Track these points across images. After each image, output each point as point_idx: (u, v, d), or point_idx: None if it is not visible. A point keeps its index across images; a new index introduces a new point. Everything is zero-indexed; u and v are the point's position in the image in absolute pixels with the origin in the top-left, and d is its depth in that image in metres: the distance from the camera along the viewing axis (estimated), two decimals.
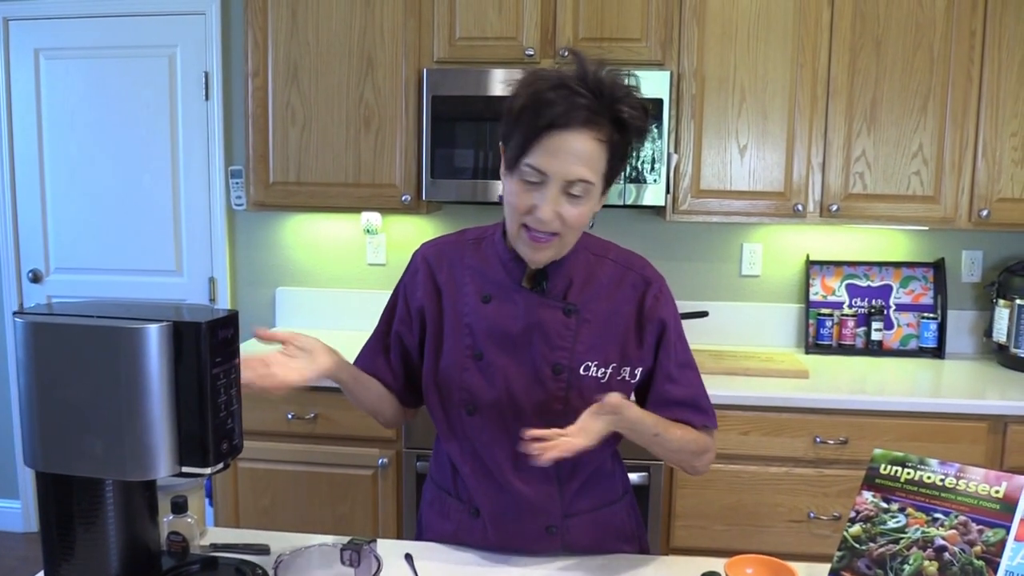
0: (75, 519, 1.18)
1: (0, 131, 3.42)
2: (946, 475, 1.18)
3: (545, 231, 1.28)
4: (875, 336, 3.04)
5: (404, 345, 1.51)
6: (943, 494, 1.16)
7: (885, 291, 3.10)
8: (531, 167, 1.25)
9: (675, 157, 2.73)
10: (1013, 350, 2.85)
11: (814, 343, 3.08)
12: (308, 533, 1.51)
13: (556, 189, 1.25)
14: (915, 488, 1.19)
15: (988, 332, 2.98)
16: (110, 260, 3.43)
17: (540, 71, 1.30)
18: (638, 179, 2.68)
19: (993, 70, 2.64)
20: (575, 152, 1.24)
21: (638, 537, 1.57)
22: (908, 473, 1.21)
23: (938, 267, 3.07)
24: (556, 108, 1.22)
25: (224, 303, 3.39)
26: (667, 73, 2.64)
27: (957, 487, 1.16)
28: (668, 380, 1.44)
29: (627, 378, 1.42)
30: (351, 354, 1.56)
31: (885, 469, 1.23)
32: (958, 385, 2.67)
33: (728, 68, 2.71)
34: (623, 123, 1.27)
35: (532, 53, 2.72)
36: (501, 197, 1.40)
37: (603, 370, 1.40)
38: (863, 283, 3.11)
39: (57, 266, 3.49)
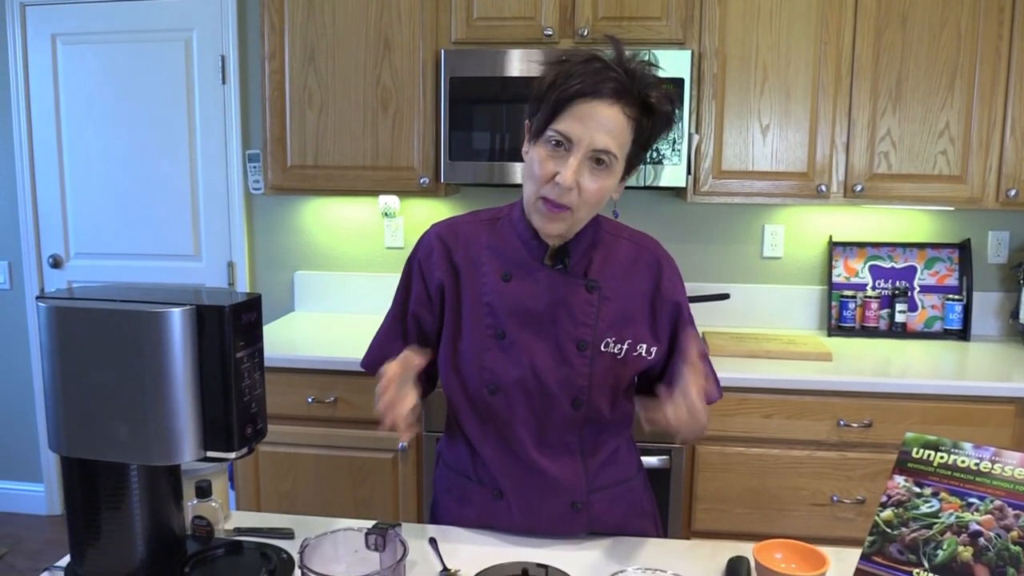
0: (100, 504, 1.17)
1: (19, 117, 3.43)
2: (981, 459, 1.15)
3: (562, 201, 1.27)
4: (899, 318, 3.01)
5: (422, 328, 1.49)
6: (978, 478, 1.14)
7: (909, 272, 3.06)
8: (558, 132, 1.26)
9: (696, 137, 2.70)
10: None
11: (837, 325, 3.05)
12: (329, 517, 1.50)
13: (580, 156, 1.25)
14: (949, 472, 1.16)
15: (1015, 314, 2.94)
16: (129, 245, 3.44)
17: (573, 52, 1.31)
18: (659, 160, 2.64)
19: (1022, 46, 2.58)
20: (602, 121, 1.24)
21: (653, 514, 1.58)
22: (941, 457, 1.18)
23: (963, 248, 3.02)
24: (587, 79, 1.24)
25: (243, 287, 3.40)
26: (688, 52, 2.60)
27: (992, 471, 1.14)
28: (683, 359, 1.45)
29: (643, 355, 1.43)
30: (369, 338, 1.54)
31: (917, 453, 1.21)
32: (984, 367, 2.64)
33: (750, 46, 2.67)
34: (651, 108, 1.28)
35: (551, 33, 2.69)
36: None
37: (619, 346, 1.41)
38: (887, 264, 3.07)
39: (77, 251, 3.50)
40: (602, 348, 1.40)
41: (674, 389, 1.24)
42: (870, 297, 3.02)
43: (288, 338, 2.90)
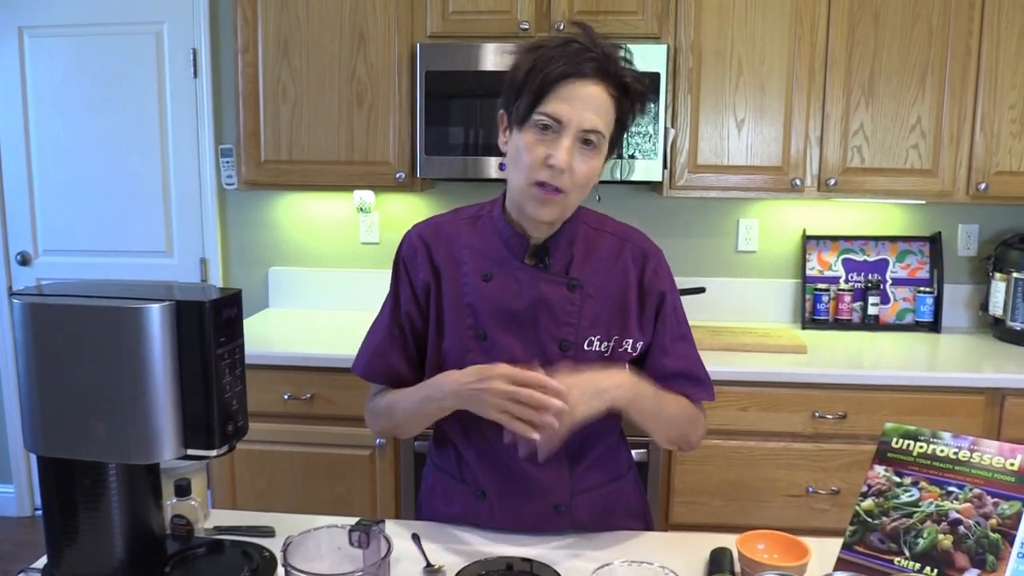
0: (78, 504, 1.15)
1: None
2: (959, 448, 1.17)
3: (556, 183, 1.26)
4: (872, 311, 3.05)
5: (416, 327, 1.46)
6: (957, 467, 1.15)
7: (881, 265, 3.10)
8: (546, 115, 1.25)
9: (672, 132, 2.71)
10: (1009, 323, 2.85)
11: (811, 318, 3.08)
12: (307, 514, 1.49)
13: (572, 136, 1.25)
14: (928, 461, 1.18)
15: (984, 306, 2.99)
16: (99, 242, 3.39)
17: (543, 38, 1.31)
18: (635, 155, 2.65)
19: (992, 42, 2.62)
20: (589, 100, 1.25)
21: (643, 512, 1.57)
22: (921, 447, 1.20)
23: (934, 241, 3.07)
24: (568, 60, 1.25)
25: (216, 284, 3.36)
26: (664, 47, 2.60)
27: (971, 460, 1.15)
28: (663, 353, 1.44)
29: (628, 350, 1.42)
30: (346, 334, 1.53)
31: (897, 443, 1.22)
32: (955, 359, 2.68)
33: (725, 41, 2.68)
34: (627, 87, 1.29)
35: (527, 27, 2.68)
36: (503, 165, 1.38)
37: (605, 343, 1.39)
38: (859, 258, 3.11)
39: (46, 248, 3.44)
40: (586, 347, 1.38)
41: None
42: (843, 290, 3.06)
43: (263, 335, 2.87)
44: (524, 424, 1.21)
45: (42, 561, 1.25)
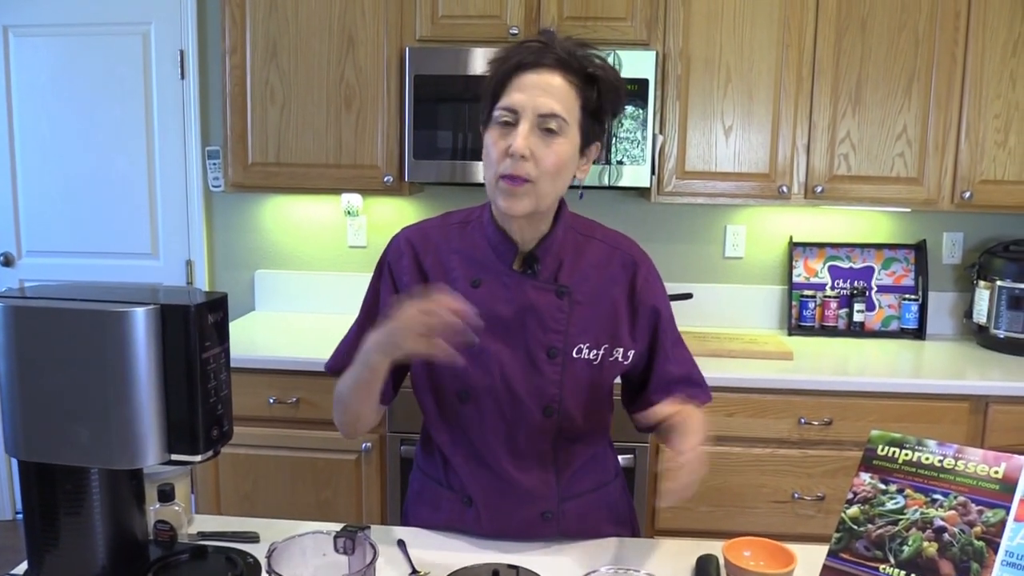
0: (60, 509, 1.14)
1: None
2: (944, 456, 1.17)
3: (519, 172, 1.25)
4: (857, 317, 3.06)
5: None
6: (942, 475, 1.16)
7: (867, 272, 3.11)
8: (503, 108, 1.26)
9: (660, 138, 2.72)
10: (993, 331, 2.87)
11: (797, 325, 3.09)
12: (291, 519, 1.48)
13: (528, 123, 1.25)
14: (913, 469, 1.18)
15: (968, 313, 3.01)
16: (84, 243, 3.36)
17: (507, 48, 1.33)
18: (623, 160, 2.66)
19: (977, 51, 2.64)
20: (544, 86, 1.25)
21: (630, 519, 1.57)
22: (906, 454, 1.20)
23: (919, 249, 3.09)
24: (526, 53, 1.26)
25: (202, 286, 3.34)
26: (652, 53, 2.61)
27: (956, 468, 1.16)
28: (666, 360, 1.45)
29: (619, 359, 1.42)
30: (332, 338, 1.52)
31: (882, 450, 1.22)
32: (939, 366, 2.69)
33: (714, 48, 2.69)
34: (594, 77, 1.28)
35: (516, 32, 2.68)
36: None
37: (595, 351, 1.39)
38: (845, 265, 3.12)
39: (29, 249, 3.41)
40: (574, 355, 1.37)
41: (671, 462, 1.27)
42: (829, 297, 3.07)
43: (249, 338, 2.85)
44: (441, 343, 1.20)
45: (23, 567, 1.23)
